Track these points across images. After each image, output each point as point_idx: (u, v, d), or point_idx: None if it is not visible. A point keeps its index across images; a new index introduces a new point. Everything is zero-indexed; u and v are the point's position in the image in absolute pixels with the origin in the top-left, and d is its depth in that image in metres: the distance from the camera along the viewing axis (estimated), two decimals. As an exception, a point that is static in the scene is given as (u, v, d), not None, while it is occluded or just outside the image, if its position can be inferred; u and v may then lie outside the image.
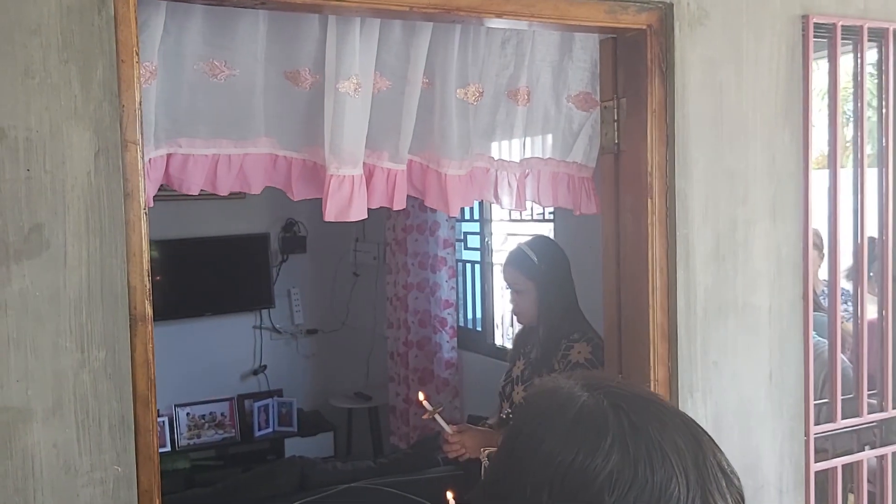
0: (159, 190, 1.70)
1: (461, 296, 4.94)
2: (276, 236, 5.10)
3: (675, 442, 0.71)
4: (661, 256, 1.78)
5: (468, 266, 4.94)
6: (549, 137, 2.04)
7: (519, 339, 2.56)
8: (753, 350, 1.86)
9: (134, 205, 1.33)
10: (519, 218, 4.51)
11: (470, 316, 4.95)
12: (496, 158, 2.04)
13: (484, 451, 2.14)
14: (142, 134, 1.35)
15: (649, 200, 1.76)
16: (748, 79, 1.83)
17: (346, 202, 1.73)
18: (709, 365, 1.82)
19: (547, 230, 4.32)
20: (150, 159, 1.62)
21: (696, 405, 1.81)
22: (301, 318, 5.24)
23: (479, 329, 4.84)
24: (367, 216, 1.79)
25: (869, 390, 2.04)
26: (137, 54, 1.34)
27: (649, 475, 0.68)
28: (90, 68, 1.29)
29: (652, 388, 1.80)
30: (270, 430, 4.92)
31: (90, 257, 1.30)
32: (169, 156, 1.67)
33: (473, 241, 4.87)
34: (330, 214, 1.73)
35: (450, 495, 2.13)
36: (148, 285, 1.36)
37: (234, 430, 4.86)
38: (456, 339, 4.81)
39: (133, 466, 1.34)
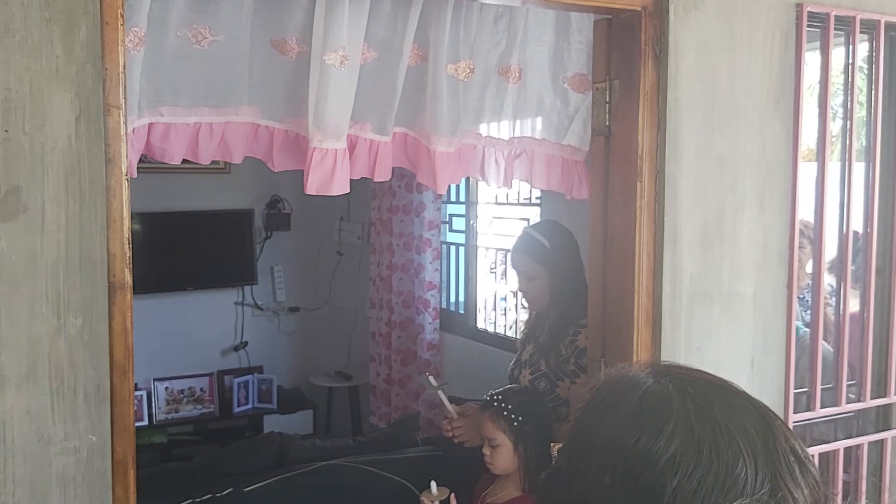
0: (143, 162, 1.67)
1: (444, 278, 4.93)
2: (260, 213, 5.06)
3: (743, 426, 0.70)
4: (648, 241, 1.77)
5: (452, 248, 4.93)
6: (541, 119, 2.02)
7: (530, 325, 2.52)
8: (736, 337, 1.86)
9: (115, 170, 1.31)
10: (505, 201, 4.49)
11: (453, 299, 4.94)
12: (484, 136, 2.01)
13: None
14: (125, 99, 1.32)
15: (639, 184, 1.75)
16: (741, 65, 1.82)
17: (329, 175, 1.71)
18: (692, 350, 1.82)
19: (533, 214, 4.32)
20: (132, 129, 1.59)
21: (678, 391, 1.80)
22: (283, 295, 5.21)
23: (461, 312, 4.84)
24: (349, 190, 1.77)
25: (849, 381, 2.05)
26: (122, 17, 1.31)
27: (714, 457, 0.67)
28: (73, 29, 1.25)
29: (634, 373, 1.80)
30: (250, 406, 4.91)
31: (69, 222, 1.27)
32: (150, 125, 1.64)
33: (458, 223, 4.85)
34: (311, 187, 1.71)
35: (432, 485, 2.13)
36: (128, 253, 1.33)
37: (212, 406, 4.84)
38: (438, 320, 4.80)
39: (108, 436, 1.32)
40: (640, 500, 0.68)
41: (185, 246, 4.76)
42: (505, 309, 4.84)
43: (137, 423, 4.65)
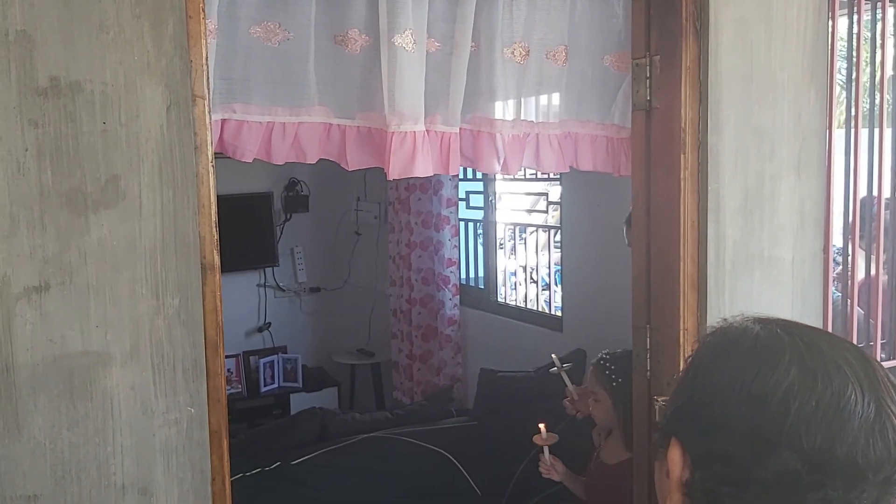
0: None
1: (463, 254, 5.01)
2: (279, 195, 5.13)
3: (846, 357, 0.79)
4: (692, 210, 1.84)
5: (470, 225, 5.00)
6: (587, 98, 2.07)
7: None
8: (776, 301, 1.94)
9: (203, 157, 1.38)
10: (523, 177, 4.56)
11: (472, 274, 5.03)
12: (536, 121, 2.05)
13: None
14: (209, 89, 1.39)
15: (682, 156, 1.82)
16: (777, 38, 1.88)
17: (410, 158, 1.73)
18: (735, 315, 1.89)
19: (554, 190, 4.39)
20: None
21: (722, 353, 1.89)
22: (304, 276, 5.29)
23: (481, 287, 4.92)
24: (432, 172, 1.80)
25: (882, 340, 2.14)
26: (203, 10, 1.37)
27: (827, 383, 0.76)
28: (161, 24, 1.32)
29: (680, 339, 1.88)
30: (276, 385, 5.00)
31: (164, 208, 1.35)
32: (223, 121, 1.65)
33: (475, 200, 4.93)
34: (394, 171, 1.72)
35: (542, 426, 2.28)
36: (216, 235, 1.41)
37: (240, 386, 4.93)
38: (458, 296, 4.89)
39: (204, 408, 1.41)
40: (765, 425, 0.76)
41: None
42: (515, 284, 4.94)
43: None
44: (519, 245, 4.84)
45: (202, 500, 1.40)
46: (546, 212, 4.55)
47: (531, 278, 4.82)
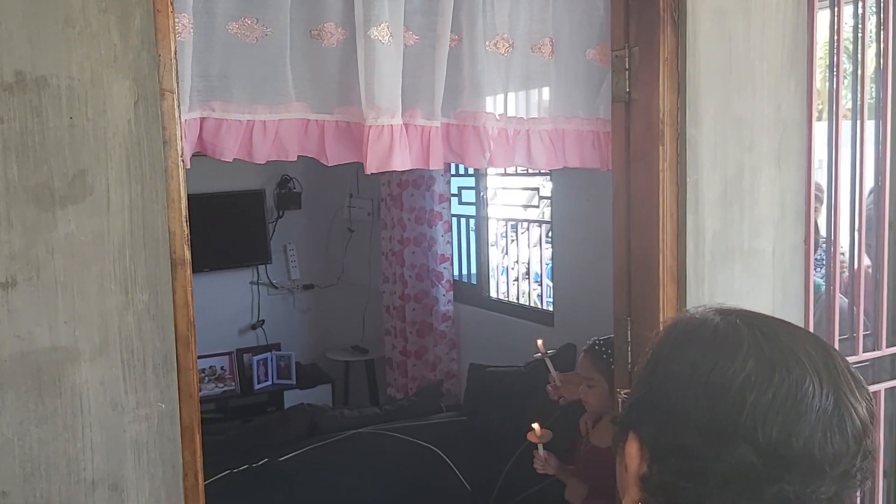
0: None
1: (456, 250, 5.01)
2: (271, 193, 5.13)
3: (805, 348, 0.78)
4: (671, 202, 1.84)
5: (462, 220, 5.00)
6: (573, 93, 2.05)
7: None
8: (757, 292, 1.94)
9: (172, 152, 1.37)
10: (514, 172, 4.56)
11: (465, 271, 5.03)
12: (526, 118, 2.03)
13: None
14: (178, 83, 1.38)
15: (661, 147, 1.82)
16: (756, 28, 1.87)
17: (387, 151, 1.71)
18: (698, 306, 1.89)
19: (544, 183, 4.38)
20: (185, 121, 1.58)
21: (703, 345, 1.88)
22: (297, 273, 5.30)
23: (474, 283, 4.92)
24: (410, 166, 1.78)
25: (865, 331, 2.13)
26: (172, 4, 1.36)
27: (785, 375, 0.76)
28: (128, 17, 1.31)
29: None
30: (269, 382, 5.01)
31: (132, 203, 1.34)
32: (202, 119, 1.63)
33: (468, 195, 4.92)
34: (371, 165, 1.71)
35: (536, 426, 2.29)
36: (186, 230, 1.40)
37: (234, 384, 4.94)
38: (452, 292, 4.89)
39: (175, 403, 1.40)
40: (721, 417, 0.76)
41: (200, 228, 4.77)
42: (508, 279, 4.93)
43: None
44: (514, 241, 4.84)
45: (174, 496, 1.40)
46: (538, 207, 4.55)
47: (525, 274, 4.82)
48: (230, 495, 2.65)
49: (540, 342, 2.50)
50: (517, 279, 4.83)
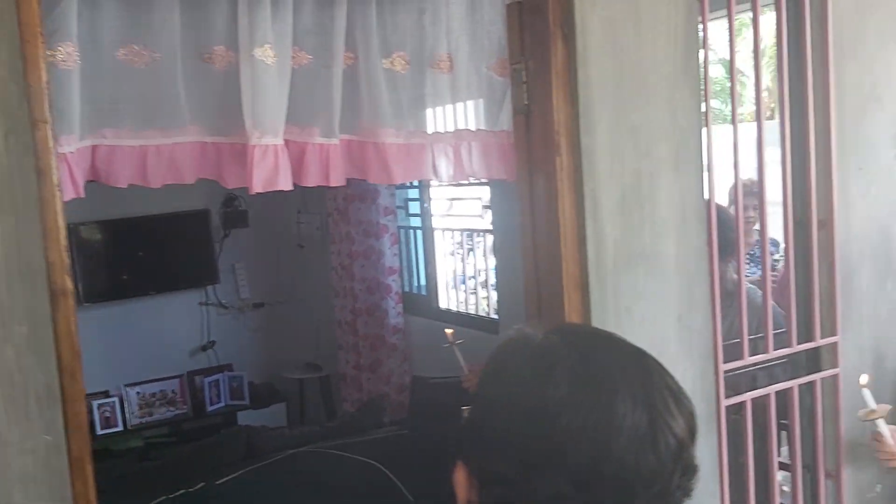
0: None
1: (406, 262, 5.02)
2: (217, 212, 5.10)
3: (621, 367, 0.78)
4: (570, 211, 1.86)
5: (411, 232, 5.01)
6: (475, 107, 2.09)
7: None
8: (662, 295, 1.97)
9: (47, 182, 1.37)
10: (467, 182, 4.57)
11: (416, 282, 5.03)
12: (430, 132, 2.06)
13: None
14: (51, 113, 1.38)
15: (557, 158, 1.84)
16: (647, 39, 1.91)
17: (273, 171, 1.73)
18: (621, 311, 1.92)
19: (485, 193, 4.41)
20: (76, 149, 1.58)
21: (610, 350, 1.91)
22: (247, 292, 5.27)
23: (424, 294, 4.93)
24: (291, 187, 1.80)
25: (778, 330, 2.17)
26: (42, 35, 1.36)
27: (596, 397, 0.75)
28: (-7, 50, 1.31)
29: (568, 337, 1.90)
30: (222, 404, 4.97)
31: (6, 235, 1.33)
32: (94, 147, 1.63)
33: (415, 207, 4.94)
34: (257, 185, 1.72)
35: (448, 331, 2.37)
36: (66, 260, 1.40)
37: (185, 407, 4.90)
38: (402, 304, 4.89)
39: (62, 435, 1.39)
40: (533, 444, 0.75)
41: (146, 250, 4.79)
42: (456, 289, 4.95)
43: (112, 430, 4.66)
44: (471, 250, 4.86)
45: (63, 528, 1.39)
46: (483, 217, 4.58)
47: (483, 283, 4.84)
48: (165, 521, 2.63)
49: (449, 332, 2.54)
50: (475, 289, 4.85)
